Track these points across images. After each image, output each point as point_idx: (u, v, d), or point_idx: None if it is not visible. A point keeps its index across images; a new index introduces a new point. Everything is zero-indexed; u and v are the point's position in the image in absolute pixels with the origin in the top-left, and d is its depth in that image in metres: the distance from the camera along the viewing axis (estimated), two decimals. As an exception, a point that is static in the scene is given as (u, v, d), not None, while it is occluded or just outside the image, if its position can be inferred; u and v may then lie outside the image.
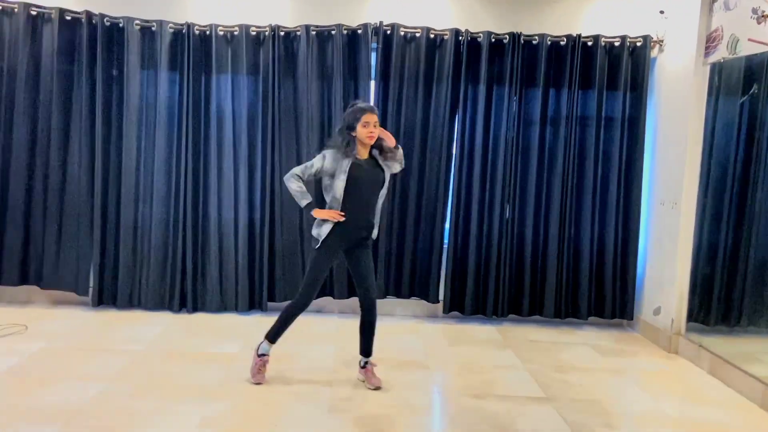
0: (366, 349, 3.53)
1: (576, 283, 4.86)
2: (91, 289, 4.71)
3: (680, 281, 4.36)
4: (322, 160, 3.33)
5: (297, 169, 3.41)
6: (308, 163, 3.41)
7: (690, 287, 4.34)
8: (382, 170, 3.39)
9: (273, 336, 3.48)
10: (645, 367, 4.13)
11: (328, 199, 3.38)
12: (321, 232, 3.35)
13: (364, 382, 3.52)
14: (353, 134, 3.29)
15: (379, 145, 3.38)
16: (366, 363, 3.53)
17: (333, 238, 3.33)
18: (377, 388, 3.45)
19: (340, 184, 3.28)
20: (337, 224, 3.30)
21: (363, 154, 3.35)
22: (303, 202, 3.38)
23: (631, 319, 4.87)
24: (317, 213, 3.36)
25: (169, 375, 3.54)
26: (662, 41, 4.68)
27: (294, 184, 3.37)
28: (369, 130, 3.26)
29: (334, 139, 3.41)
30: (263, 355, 3.48)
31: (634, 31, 4.72)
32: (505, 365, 3.99)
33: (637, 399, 3.57)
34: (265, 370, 3.49)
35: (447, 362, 3.99)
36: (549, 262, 4.82)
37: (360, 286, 3.47)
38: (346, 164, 3.27)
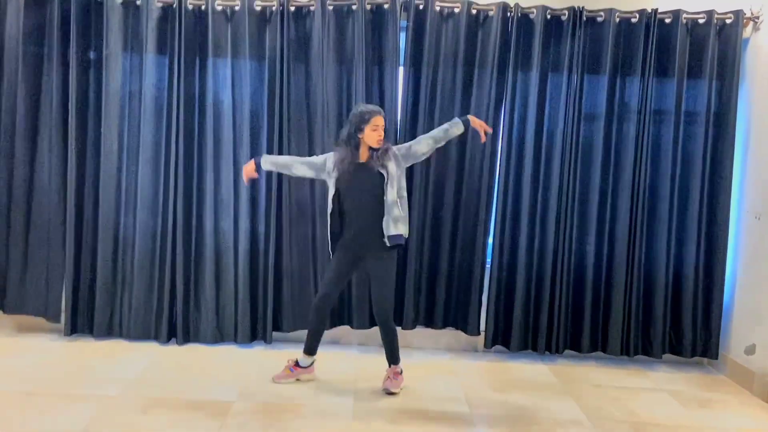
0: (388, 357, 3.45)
1: (648, 314, 4.01)
2: (63, 315, 3.96)
3: (786, 315, 3.50)
4: (325, 159, 3.40)
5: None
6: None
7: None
8: (380, 172, 3.27)
9: (308, 348, 3.47)
10: (742, 424, 3.28)
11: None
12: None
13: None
14: (360, 136, 3.27)
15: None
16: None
17: (337, 245, 3.38)
18: (389, 392, 3.35)
19: (330, 191, 3.35)
20: (338, 231, 3.36)
21: (364, 156, 3.32)
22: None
23: (716, 358, 3.99)
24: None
25: (143, 434, 2.76)
26: (758, 18, 3.84)
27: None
28: (379, 133, 3.26)
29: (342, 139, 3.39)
30: (303, 367, 3.47)
31: (722, 5, 3.86)
32: (567, 420, 3.17)
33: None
34: (295, 377, 3.46)
35: (495, 416, 3.17)
36: (615, 288, 3.97)
37: (371, 299, 3.45)
38: (340, 168, 3.30)
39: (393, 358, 3.40)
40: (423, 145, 3.34)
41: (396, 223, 3.24)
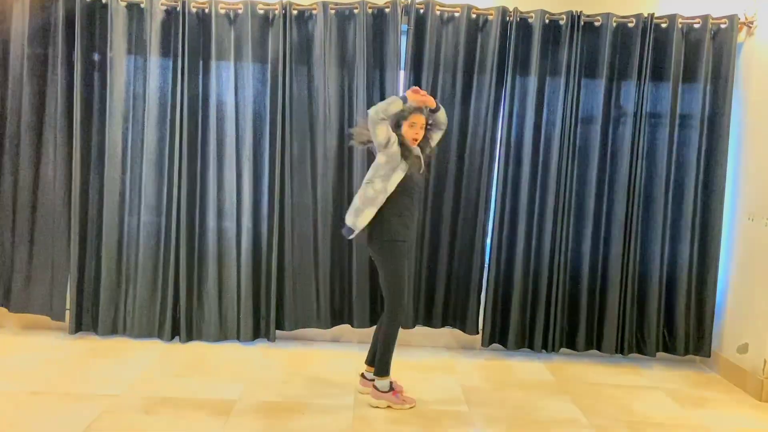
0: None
1: (642, 313, 4.08)
2: (67, 313, 4.01)
3: (777, 315, 3.58)
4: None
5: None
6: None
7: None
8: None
9: (384, 370, 3.25)
10: (736, 423, 3.33)
11: (377, 187, 3.07)
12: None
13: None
14: (398, 132, 3.11)
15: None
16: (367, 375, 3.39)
17: (405, 231, 3.16)
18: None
19: (396, 178, 3.06)
20: (405, 217, 3.14)
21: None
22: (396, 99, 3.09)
23: (708, 356, 4.07)
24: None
25: (147, 435, 2.81)
26: (752, 23, 3.89)
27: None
28: (415, 131, 3.12)
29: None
30: (389, 391, 3.24)
31: (717, 10, 3.93)
32: (565, 419, 3.22)
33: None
34: (404, 392, 3.29)
35: (494, 415, 3.23)
36: (610, 287, 4.03)
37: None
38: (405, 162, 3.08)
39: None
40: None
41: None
